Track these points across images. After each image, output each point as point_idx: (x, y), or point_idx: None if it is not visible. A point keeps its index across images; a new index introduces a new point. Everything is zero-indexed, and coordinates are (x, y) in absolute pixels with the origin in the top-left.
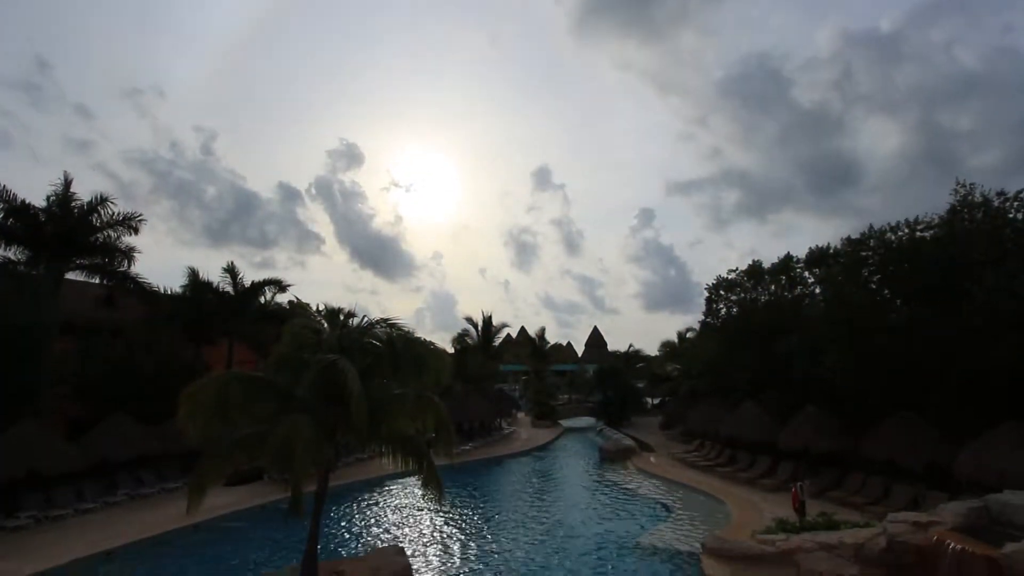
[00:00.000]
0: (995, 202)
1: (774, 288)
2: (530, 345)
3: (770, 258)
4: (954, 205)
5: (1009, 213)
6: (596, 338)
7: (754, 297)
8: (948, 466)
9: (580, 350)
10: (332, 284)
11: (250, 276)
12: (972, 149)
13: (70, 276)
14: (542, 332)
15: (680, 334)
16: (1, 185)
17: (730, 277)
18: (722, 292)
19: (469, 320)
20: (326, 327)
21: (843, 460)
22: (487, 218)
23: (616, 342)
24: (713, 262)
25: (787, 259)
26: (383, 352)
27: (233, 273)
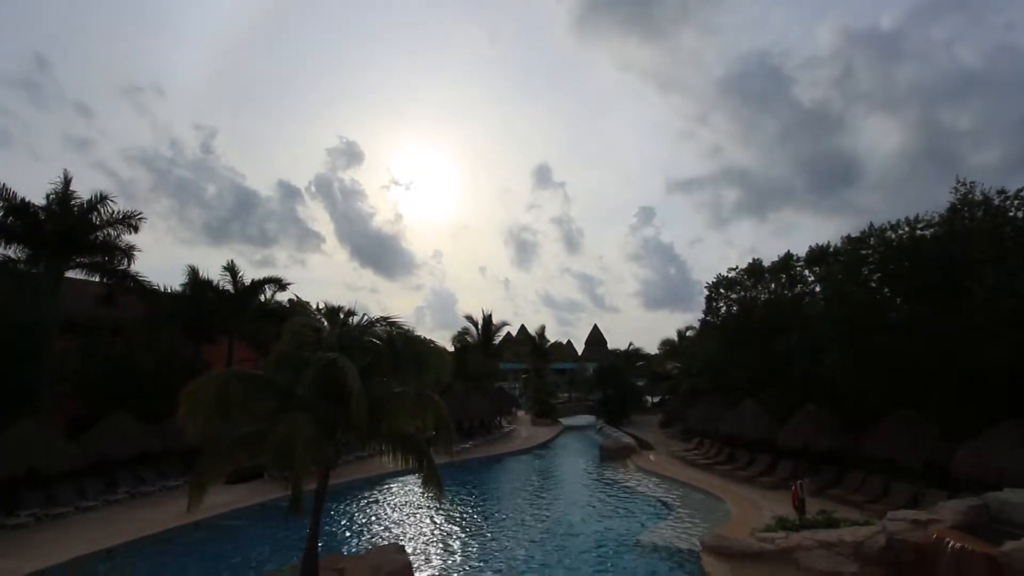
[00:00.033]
0: (995, 200)
1: (774, 286)
2: (530, 343)
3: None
4: (954, 203)
5: (1009, 211)
6: (596, 336)
7: (754, 295)
8: (947, 464)
9: (580, 348)
10: (332, 282)
11: (250, 274)
12: (973, 147)
13: (70, 274)
14: (542, 330)
15: (680, 332)
16: (1, 183)
17: (730, 275)
18: (722, 290)
19: (469, 318)
20: (326, 325)
21: (843, 458)
22: (487, 216)
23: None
24: (713, 260)
25: (787, 257)
26: (383, 350)
27: (233, 271)
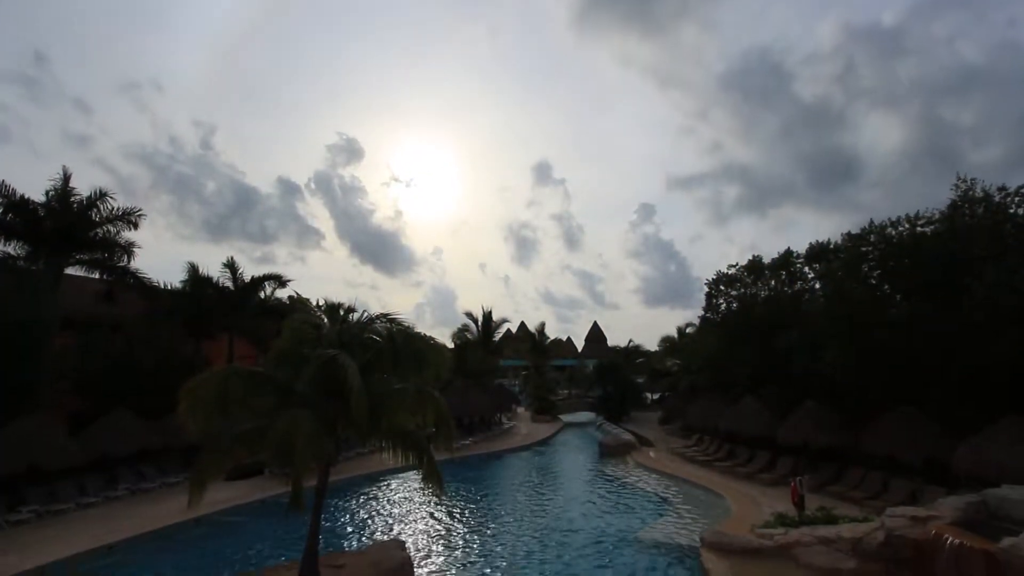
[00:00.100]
0: (996, 197)
1: (774, 283)
2: (530, 340)
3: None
4: (955, 200)
5: (1010, 208)
6: (596, 333)
7: (754, 292)
8: (947, 461)
9: (580, 345)
10: (332, 279)
11: (250, 271)
12: (974, 144)
13: (70, 271)
14: (542, 327)
15: (680, 329)
16: (0, 180)
17: (730, 272)
18: (722, 287)
19: (469, 315)
20: (326, 322)
21: (842, 455)
22: (487, 213)
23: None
24: (713, 257)
25: (787, 254)
26: (383, 347)
27: (233, 268)
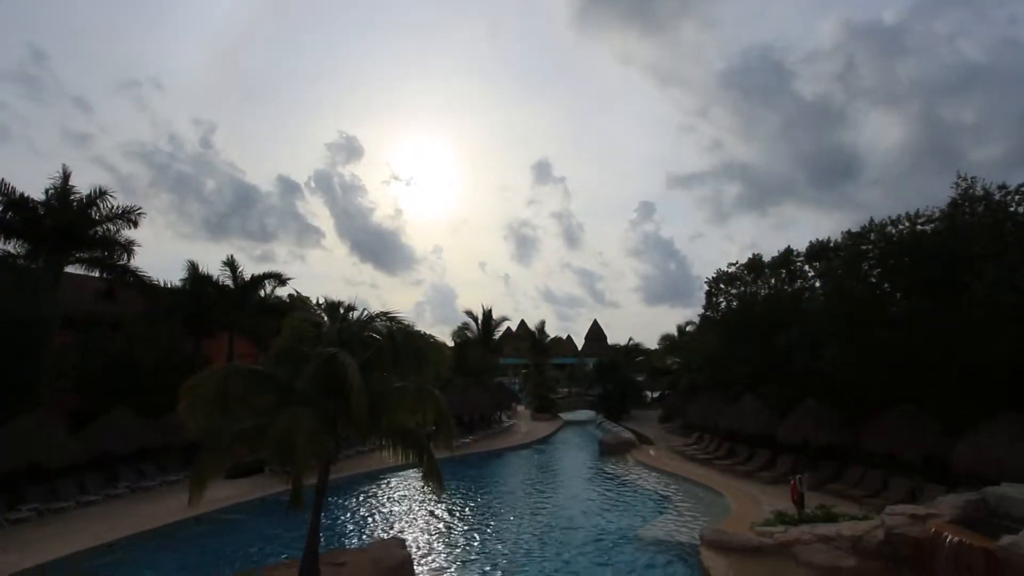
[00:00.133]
0: (996, 196)
1: (774, 282)
2: (530, 338)
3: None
4: (955, 198)
5: (1010, 207)
6: (596, 331)
7: (754, 291)
8: (947, 459)
9: (580, 343)
10: (332, 278)
11: (250, 269)
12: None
13: (69, 270)
14: (542, 325)
15: (680, 328)
16: (0, 178)
17: (730, 270)
18: (722, 286)
19: (469, 314)
20: (326, 320)
21: (842, 453)
22: (487, 211)
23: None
24: (713, 256)
25: (787, 252)
26: (383, 345)
27: (233, 266)
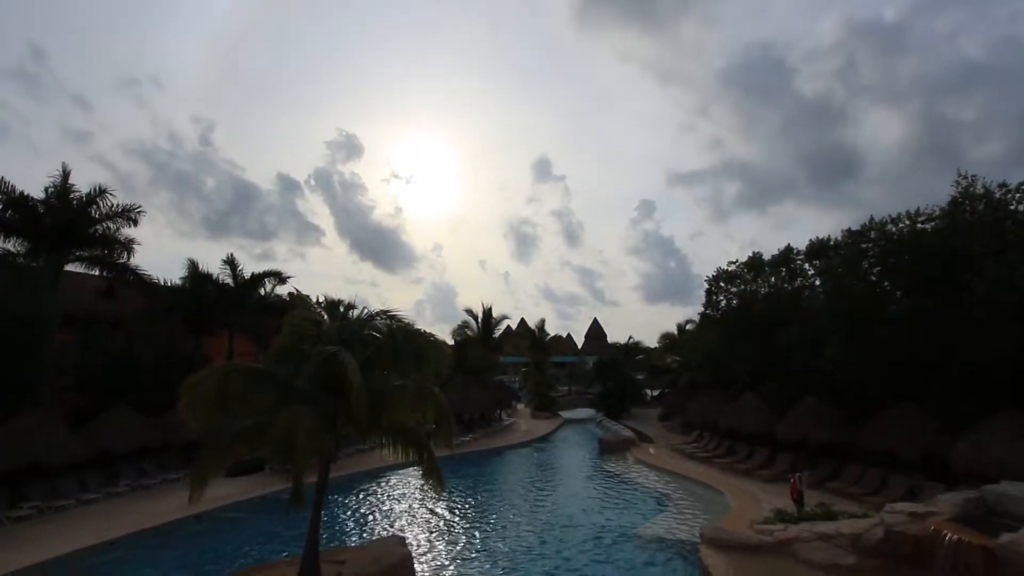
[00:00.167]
0: (996, 194)
1: (774, 280)
2: (530, 337)
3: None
4: (955, 197)
5: (1011, 205)
6: (596, 330)
7: (754, 289)
8: (946, 457)
9: (580, 342)
10: (332, 276)
11: (250, 268)
12: (975, 140)
13: (69, 268)
14: (542, 324)
15: (680, 326)
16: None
17: (730, 269)
18: (722, 284)
19: (469, 312)
20: (326, 319)
21: (842, 451)
22: (487, 209)
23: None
24: (713, 254)
25: (787, 251)
26: (383, 344)
27: (233, 265)
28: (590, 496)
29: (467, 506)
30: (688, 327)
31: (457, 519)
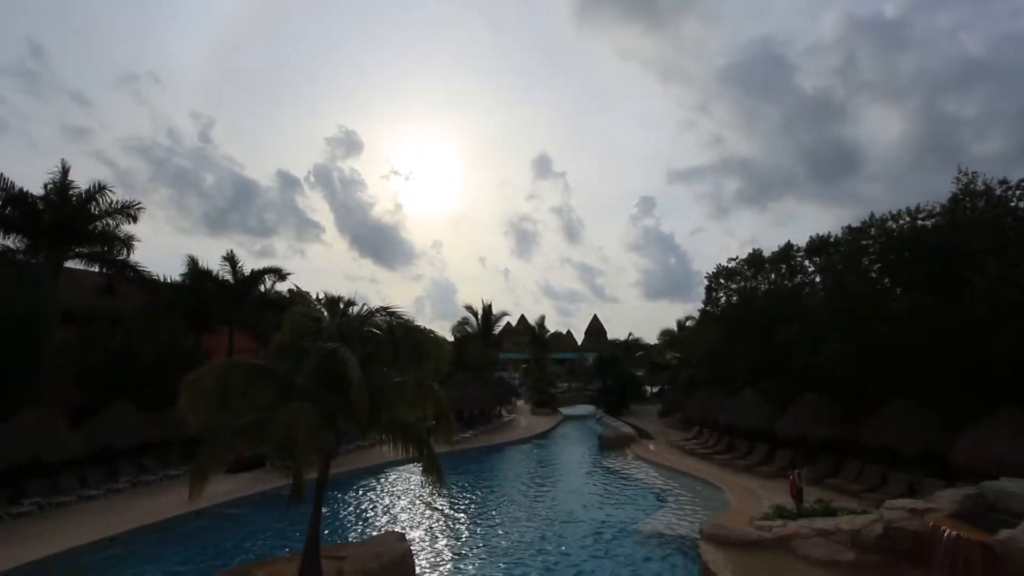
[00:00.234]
0: (997, 191)
1: (774, 277)
2: (530, 333)
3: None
4: (956, 193)
5: (1011, 202)
6: (596, 326)
7: (754, 286)
8: (945, 454)
9: (580, 338)
10: (332, 272)
11: (250, 264)
12: (976, 137)
13: (69, 265)
14: (542, 320)
15: (680, 322)
16: None
17: (730, 266)
18: (722, 280)
19: (469, 308)
20: (326, 315)
21: (841, 448)
22: (487, 206)
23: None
24: (713, 251)
25: (787, 247)
26: (383, 340)
27: (233, 261)
28: (590, 492)
29: (467, 502)
30: (688, 324)
31: (457, 515)
